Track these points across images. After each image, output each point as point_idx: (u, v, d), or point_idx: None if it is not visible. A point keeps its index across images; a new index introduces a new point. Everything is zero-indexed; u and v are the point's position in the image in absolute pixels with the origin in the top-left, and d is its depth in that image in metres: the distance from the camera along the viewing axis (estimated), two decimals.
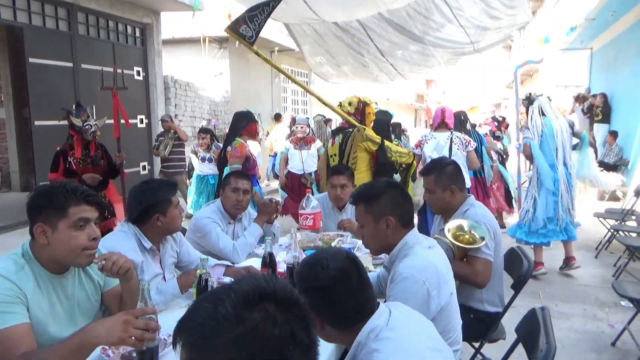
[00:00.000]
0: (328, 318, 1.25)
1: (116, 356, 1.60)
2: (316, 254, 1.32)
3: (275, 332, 0.72)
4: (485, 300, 2.44)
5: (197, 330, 0.73)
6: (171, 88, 8.75)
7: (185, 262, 2.41)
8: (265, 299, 0.74)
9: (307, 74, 14.31)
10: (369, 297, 1.28)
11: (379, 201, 1.83)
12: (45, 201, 1.56)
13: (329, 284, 1.23)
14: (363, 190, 1.93)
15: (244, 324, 0.71)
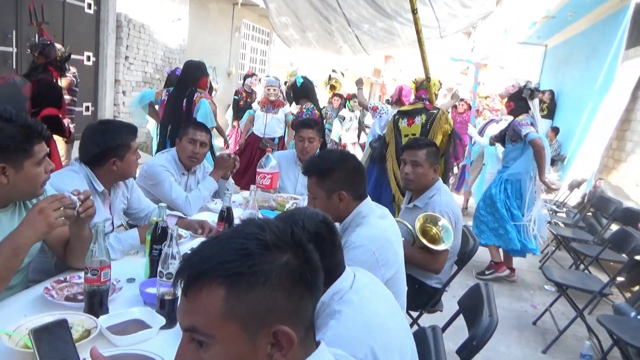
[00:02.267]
0: None
1: (60, 297, 1.54)
2: (292, 212, 1.29)
3: (315, 257, 0.79)
4: (433, 277, 2.54)
5: (240, 261, 0.71)
6: (124, 27, 8.21)
7: (136, 210, 2.33)
8: (300, 228, 0.89)
9: (268, 33, 13.91)
10: (338, 262, 1.28)
11: (332, 176, 1.83)
12: (10, 142, 1.45)
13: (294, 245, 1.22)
14: (316, 162, 1.91)
15: (290, 249, 0.76)
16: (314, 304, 0.79)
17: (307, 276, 0.76)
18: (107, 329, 1.34)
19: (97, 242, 1.43)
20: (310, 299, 0.77)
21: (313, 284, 0.77)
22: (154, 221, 1.75)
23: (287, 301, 0.73)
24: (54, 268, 1.83)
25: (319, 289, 0.80)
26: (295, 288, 0.74)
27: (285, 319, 0.73)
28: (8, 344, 1.20)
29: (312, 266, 0.78)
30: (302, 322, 0.76)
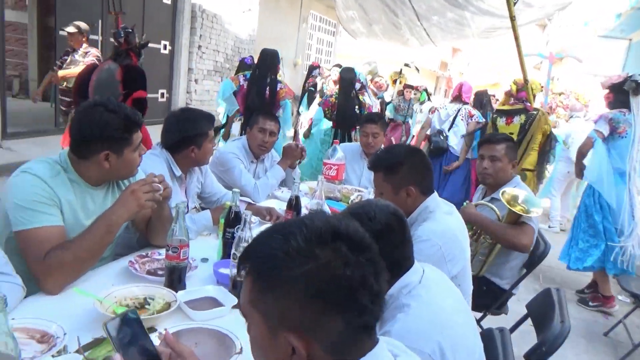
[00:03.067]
0: None
1: (142, 271, 1.65)
2: (363, 204, 1.31)
3: (346, 273, 0.70)
4: (505, 278, 2.49)
5: (266, 260, 0.73)
6: (198, 18, 8.53)
7: (208, 194, 2.44)
8: (338, 238, 0.73)
9: (334, 24, 13.92)
10: (407, 255, 1.29)
11: (399, 171, 1.82)
12: (111, 132, 1.57)
13: (373, 236, 1.23)
14: (382, 157, 1.90)
15: (315, 260, 0.71)
16: (348, 321, 0.72)
17: (329, 291, 0.70)
18: (185, 304, 1.43)
19: (178, 222, 1.52)
20: (336, 315, 0.71)
21: (338, 300, 0.71)
22: (228, 205, 1.83)
23: (301, 312, 0.71)
24: (136, 243, 1.97)
25: (355, 306, 0.72)
26: (312, 301, 0.71)
27: (298, 329, 0.71)
28: (100, 309, 1.31)
29: (340, 281, 0.71)
30: (327, 337, 0.72)
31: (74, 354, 1.13)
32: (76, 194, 1.60)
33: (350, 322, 0.72)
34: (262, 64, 4.34)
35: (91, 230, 1.51)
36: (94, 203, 1.67)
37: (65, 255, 1.43)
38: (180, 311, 1.42)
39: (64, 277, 1.44)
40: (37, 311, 1.31)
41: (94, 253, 1.52)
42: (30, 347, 1.14)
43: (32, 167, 1.53)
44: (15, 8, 8.41)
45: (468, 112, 4.79)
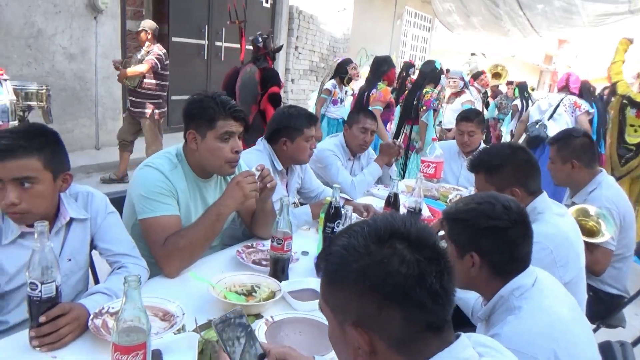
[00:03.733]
0: (491, 259, 1.22)
1: (248, 260, 1.75)
2: (493, 195, 1.28)
3: (401, 270, 0.72)
4: (607, 281, 2.30)
5: (332, 258, 0.78)
6: (295, 19, 8.79)
7: (307, 189, 2.52)
8: (397, 237, 0.75)
9: (430, 19, 13.58)
10: (527, 253, 1.24)
11: (501, 171, 1.73)
12: (198, 111, 1.67)
13: (510, 225, 1.20)
14: (483, 157, 1.82)
15: (370, 256, 0.74)
16: (407, 318, 0.73)
17: (384, 286, 0.72)
18: (289, 294, 1.49)
19: (282, 214, 1.58)
20: (393, 311, 0.72)
21: (393, 296, 0.72)
22: (328, 201, 1.87)
23: (360, 306, 0.74)
24: (241, 234, 2.09)
25: (411, 303, 0.72)
26: (368, 295, 0.73)
27: (359, 323, 0.74)
28: (212, 293, 1.41)
29: (395, 278, 0.72)
30: (388, 333, 0.74)
31: (192, 332, 1.23)
32: (189, 186, 1.73)
33: (409, 319, 0.73)
34: (371, 72, 4.56)
35: (203, 219, 1.63)
36: (204, 194, 1.79)
37: (182, 241, 1.56)
38: (283, 300, 1.49)
39: (180, 262, 1.57)
40: (158, 292, 1.44)
41: (205, 240, 1.64)
42: (154, 324, 1.26)
43: (153, 162, 1.68)
44: (133, 18, 9.27)
45: (573, 102, 4.48)
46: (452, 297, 0.77)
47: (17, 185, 1.25)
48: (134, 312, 0.96)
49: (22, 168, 1.24)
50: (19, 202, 1.25)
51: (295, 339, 1.29)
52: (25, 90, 4.12)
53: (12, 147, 1.22)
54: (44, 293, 1.10)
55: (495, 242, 1.21)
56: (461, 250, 1.24)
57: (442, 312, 0.75)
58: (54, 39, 5.17)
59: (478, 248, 1.22)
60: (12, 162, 1.23)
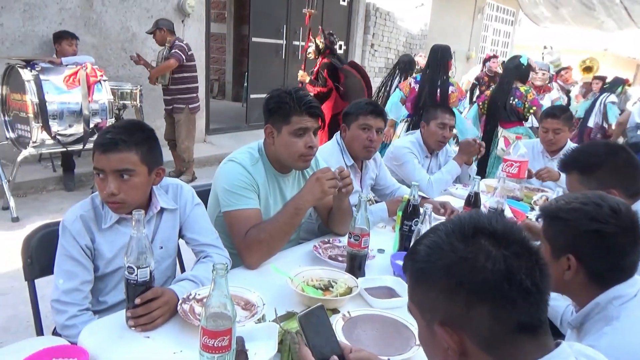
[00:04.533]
0: (590, 265, 1.14)
1: (325, 255, 1.77)
2: (600, 195, 1.19)
3: (487, 265, 0.70)
4: None
5: (417, 257, 0.78)
6: (371, 16, 8.75)
7: (382, 186, 2.50)
8: (482, 233, 0.74)
9: (513, 13, 12.93)
10: (634, 262, 1.14)
11: (597, 172, 1.60)
12: (275, 106, 1.72)
13: (617, 230, 1.11)
14: (577, 156, 1.69)
15: (455, 252, 0.73)
16: (497, 316, 0.71)
17: (471, 282, 0.71)
18: (365, 290, 1.49)
19: (360, 211, 1.58)
20: (481, 308, 0.71)
21: (481, 292, 0.71)
22: (406, 199, 1.84)
23: (447, 305, 0.73)
24: (317, 230, 2.12)
25: (500, 300, 0.70)
26: (455, 293, 0.72)
27: (447, 322, 0.73)
28: (291, 285, 1.44)
29: (482, 273, 0.70)
30: (477, 332, 0.72)
31: (272, 322, 1.27)
32: (269, 180, 1.78)
33: (498, 317, 0.71)
34: (432, 61, 4.19)
35: (282, 213, 1.67)
36: (282, 189, 1.84)
37: (262, 234, 1.61)
38: (359, 297, 1.49)
39: (260, 254, 1.63)
40: (240, 282, 1.50)
41: (285, 233, 1.68)
42: (237, 312, 1.32)
43: (237, 157, 1.76)
44: (216, 20, 9.70)
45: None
46: (546, 296, 0.74)
47: (117, 177, 1.36)
48: (220, 299, 1.00)
49: (123, 161, 1.35)
50: (117, 193, 1.36)
51: (372, 336, 1.29)
52: (121, 90, 4.47)
53: (115, 141, 1.33)
54: (140, 277, 1.19)
55: (597, 247, 1.12)
56: (557, 251, 1.17)
57: (534, 311, 0.72)
58: (147, 42, 5.53)
59: (576, 251, 1.14)
60: (115, 155, 1.34)
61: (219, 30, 9.62)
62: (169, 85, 4.75)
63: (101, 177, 1.36)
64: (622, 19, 8.01)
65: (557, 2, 8.33)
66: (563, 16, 8.68)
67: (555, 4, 8.43)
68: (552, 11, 8.63)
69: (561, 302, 1.48)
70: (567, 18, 8.89)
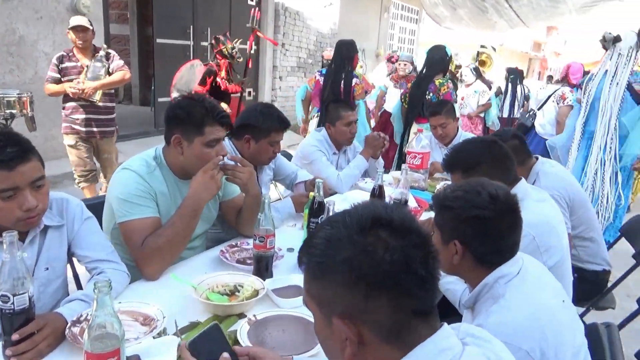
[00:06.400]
0: (475, 250, 1.21)
1: (232, 260, 1.73)
2: (482, 182, 1.25)
3: (386, 257, 0.71)
4: (584, 259, 2.33)
5: (314, 251, 0.76)
6: (281, 16, 8.74)
7: (283, 176, 2.51)
8: (379, 224, 0.73)
9: (417, 12, 13.56)
10: (512, 243, 1.22)
11: (478, 169, 1.69)
12: (185, 115, 1.65)
13: (495, 215, 1.18)
14: (457, 156, 1.79)
15: (354, 246, 0.72)
16: (395, 306, 0.72)
17: (370, 275, 0.71)
18: (272, 291, 1.48)
19: (264, 212, 1.56)
20: (380, 299, 0.71)
21: (380, 284, 0.71)
22: (312, 196, 1.85)
23: (347, 298, 0.73)
24: (226, 235, 2.06)
25: (398, 290, 0.71)
26: (355, 286, 0.72)
27: (346, 315, 0.73)
28: (194, 295, 1.39)
29: (380, 266, 0.71)
30: (376, 322, 0.72)
31: (173, 336, 1.21)
32: (169, 188, 1.71)
33: (397, 307, 0.72)
34: (337, 55, 4.25)
35: (179, 216, 1.60)
36: (183, 195, 1.76)
37: (159, 240, 1.54)
38: (268, 298, 1.47)
39: (160, 262, 1.55)
40: (140, 296, 1.42)
41: (183, 237, 1.62)
42: (135, 329, 1.24)
43: (131, 164, 1.66)
44: (117, 21, 9.19)
45: (562, 94, 4.52)
46: (437, 282, 0.76)
47: (33, 188, 1.26)
48: (105, 318, 0.94)
49: (36, 169, 1.26)
50: (37, 204, 1.26)
51: (279, 337, 1.28)
52: (6, 97, 4.03)
53: (18, 153, 1.22)
54: (17, 305, 1.07)
55: (478, 232, 1.20)
56: (446, 237, 1.23)
57: (428, 297, 0.74)
58: (37, 45, 5.10)
59: (461, 236, 1.21)
60: (26, 166, 1.23)
61: (121, 32, 9.13)
62: (98, 102, 3.74)
63: (10, 196, 1.23)
64: (512, 19, 8.66)
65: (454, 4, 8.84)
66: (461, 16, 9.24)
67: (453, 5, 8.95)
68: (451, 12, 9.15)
69: (459, 286, 1.57)
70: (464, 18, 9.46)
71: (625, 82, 3.30)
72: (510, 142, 2.27)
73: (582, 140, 3.56)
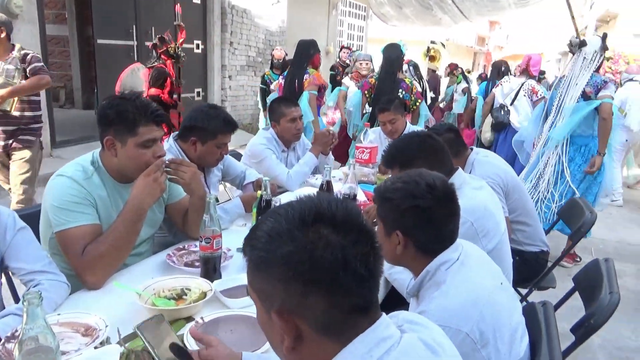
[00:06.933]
0: (416, 239, 1.24)
1: (180, 263, 1.70)
2: (420, 172, 1.28)
3: (325, 256, 0.70)
4: (523, 242, 2.43)
5: (256, 244, 0.75)
6: (228, 14, 8.61)
7: (232, 176, 2.48)
8: (322, 220, 0.73)
9: (365, 8, 13.72)
10: (451, 230, 1.26)
11: (415, 164, 1.71)
12: (116, 117, 1.59)
13: (433, 204, 1.21)
14: (394, 153, 1.83)
15: (294, 242, 0.72)
16: (333, 302, 0.72)
17: (308, 272, 0.71)
18: (221, 292, 1.46)
19: (209, 213, 1.54)
20: (318, 296, 0.71)
21: (318, 281, 0.71)
22: (259, 194, 1.84)
23: (285, 293, 0.72)
24: (173, 239, 2.02)
25: (337, 288, 0.71)
26: (293, 282, 0.72)
27: (284, 309, 0.73)
28: (139, 301, 1.36)
29: (319, 263, 0.70)
30: (314, 318, 0.72)
31: (115, 345, 1.17)
32: (108, 193, 1.65)
33: (335, 304, 0.72)
34: (296, 56, 4.36)
35: (122, 220, 1.55)
36: (124, 199, 1.71)
37: (101, 247, 1.49)
38: (217, 300, 1.45)
39: (102, 270, 1.50)
40: (81, 306, 1.37)
41: (128, 242, 1.57)
42: (75, 341, 1.20)
43: (66, 171, 1.60)
44: (55, 22, 8.79)
45: (532, 88, 4.56)
46: (378, 278, 0.76)
47: None
48: (37, 330, 0.90)
49: None
50: None
51: (227, 338, 1.26)
52: None
53: None
54: None
55: (418, 221, 1.23)
56: (388, 229, 1.26)
57: (367, 294, 0.74)
58: None
59: (402, 227, 1.24)
60: None
61: (60, 33, 8.73)
62: (11, 111, 3.27)
63: None
64: (455, 15, 8.91)
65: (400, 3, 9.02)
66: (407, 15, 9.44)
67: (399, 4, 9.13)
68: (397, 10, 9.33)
69: (405, 275, 1.60)
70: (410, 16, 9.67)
71: (584, 84, 3.40)
72: (445, 135, 2.35)
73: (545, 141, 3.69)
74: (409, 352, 0.75)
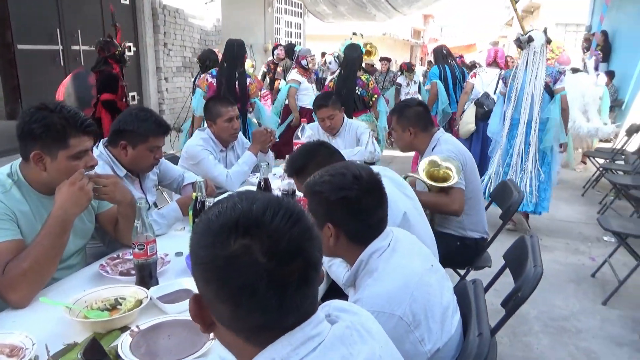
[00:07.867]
0: (347, 230, 1.26)
1: (114, 272, 1.64)
2: (346, 165, 1.31)
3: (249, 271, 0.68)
4: (467, 227, 2.53)
5: (192, 237, 0.75)
6: (159, 15, 8.35)
7: (169, 180, 2.41)
8: (251, 232, 0.69)
9: (301, 5, 13.73)
10: (380, 218, 1.29)
11: (308, 171, 1.72)
12: (44, 130, 1.50)
13: (360, 194, 1.24)
14: (289, 164, 1.88)
15: (218, 248, 0.69)
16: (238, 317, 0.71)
17: (215, 276, 0.70)
18: (158, 299, 1.42)
19: (140, 218, 1.50)
20: (224, 306, 0.71)
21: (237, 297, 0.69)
22: (194, 196, 1.81)
23: (208, 295, 0.72)
24: (107, 248, 1.95)
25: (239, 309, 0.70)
26: (209, 284, 0.71)
27: (214, 311, 0.73)
28: (69, 315, 1.30)
29: (244, 279, 0.68)
30: (225, 323, 0.73)
31: None
32: (31, 205, 1.57)
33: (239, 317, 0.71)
34: (229, 55, 4.20)
35: (46, 234, 1.47)
36: (49, 211, 1.63)
37: (23, 264, 1.41)
38: (154, 307, 1.42)
39: (26, 287, 1.42)
40: (7, 327, 1.30)
41: (53, 256, 1.48)
42: None
43: None
44: None
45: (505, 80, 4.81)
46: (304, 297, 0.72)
47: None
48: None
49: None
50: None
51: (164, 344, 1.24)
52: None
53: None
54: None
55: (347, 212, 1.26)
56: (319, 222, 1.27)
57: (275, 319, 0.70)
58: None
59: (332, 219, 1.26)
60: None
61: None
62: None
63: None
64: (388, 10, 9.11)
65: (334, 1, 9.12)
66: (342, 12, 9.56)
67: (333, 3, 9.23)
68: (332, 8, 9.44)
69: (342, 268, 1.63)
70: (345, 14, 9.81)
71: (544, 74, 3.86)
72: (415, 108, 2.53)
73: (510, 127, 4.05)
74: (334, 344, 0.74)
